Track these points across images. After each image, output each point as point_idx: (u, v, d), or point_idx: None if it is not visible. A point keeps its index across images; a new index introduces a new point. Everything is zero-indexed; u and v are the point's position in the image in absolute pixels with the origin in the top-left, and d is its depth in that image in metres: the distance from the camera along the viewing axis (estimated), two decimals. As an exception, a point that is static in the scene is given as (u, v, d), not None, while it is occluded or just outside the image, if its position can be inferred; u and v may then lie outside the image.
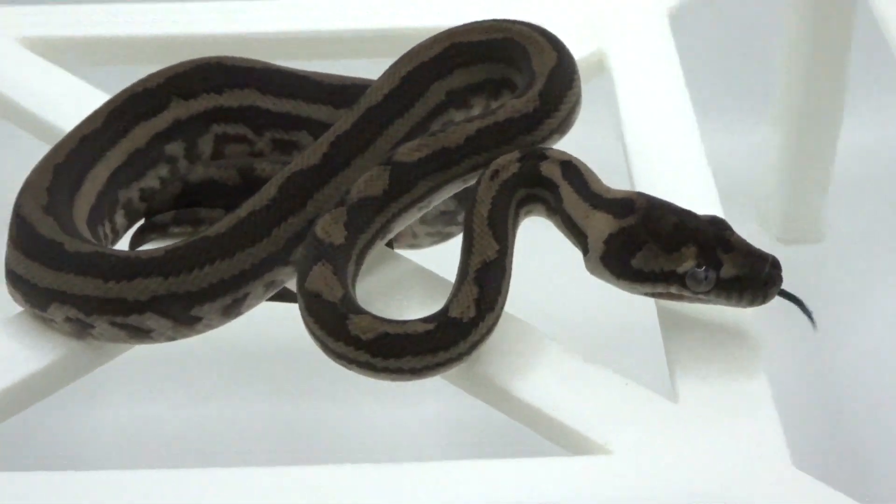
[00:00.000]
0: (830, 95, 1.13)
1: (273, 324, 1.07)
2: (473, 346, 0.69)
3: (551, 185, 0.73)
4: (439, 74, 0.78)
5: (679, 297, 0.71)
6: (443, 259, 0.80)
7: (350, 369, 0.69)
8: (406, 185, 0.73)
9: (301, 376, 1.08)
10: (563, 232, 0.74)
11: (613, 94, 0.90)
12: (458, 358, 0.69)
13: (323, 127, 0.79)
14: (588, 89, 0.93)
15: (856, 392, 1.09)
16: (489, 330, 0.70)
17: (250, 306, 0.74)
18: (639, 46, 0.94)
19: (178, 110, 0.80)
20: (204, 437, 1.04)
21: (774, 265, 0.70)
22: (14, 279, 0.73)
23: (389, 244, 0.81)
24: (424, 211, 0.75)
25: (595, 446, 0.68)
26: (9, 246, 0.74)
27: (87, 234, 0.75)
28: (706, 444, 0.68)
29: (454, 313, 0.69)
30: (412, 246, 0.86)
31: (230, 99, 0.80)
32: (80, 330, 0.72)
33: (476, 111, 0.79)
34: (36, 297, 0.72)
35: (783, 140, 1.16)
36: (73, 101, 0.87)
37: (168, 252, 0.72)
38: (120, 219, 0.79)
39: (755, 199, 1.19)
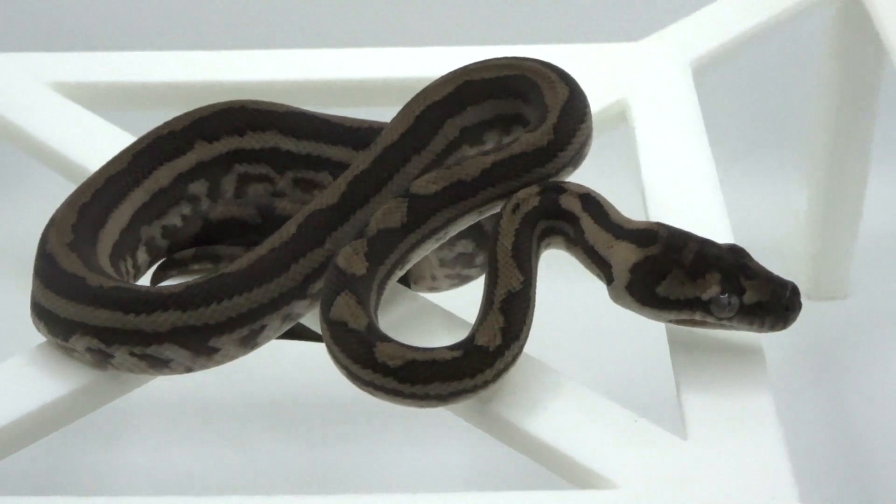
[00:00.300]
0: (857, 151, 1.13)
1: (292, 369, 1.09)
2: (499, 374, 0.70)
3: (571, 218, 0.75)
4: (452, 112, 0.79)
5: (702, 324, 0.72)
6: (460, 301, 0.81)
7: (376, 396, 0.70)
8: (423, 217, 0.74)
9: (322, 421, 1.09)
10: (584, 263, 0.75)
11: (633, 145, 0.91)
12: (484, 385, 0.70)
13: (343, 167, 0.80)
14: (608, 139, 0.95)
15: (876, 441, 1.09)
16: (514, 358, 0.71)
17: (267, 338, 0.75)
18: (660, 97, 0.95)
19: (202, 152, 0.81)
20: (222, 478, 1.04)
21: (794, 292, 0.72)
22: (39, 311, 0.75)
23: (407, 283, 0.82)
24: (441, 242, 0.76)
25: (602, 480, 0.68)
26: (34, 280, 0.76)
27: (109, 269, 0.76)
28: (713, 483, 0.68)
29: (480, 341, 0.70)
30: (432, 289, 0.87)
31: (252, 141, 0.82)
32: (101, 360, 0.73)
33: (489, 147, 0.80)
34: (59, 328, 0.74)
35: (809, 195, 1.16)
36: (102, 143, 0.88)
37: (188, 287, 0.73)
38: (142, 255, 0.80)
39: (781, 255, 1.19)
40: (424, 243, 0.75)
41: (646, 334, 0.74)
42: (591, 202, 0.75)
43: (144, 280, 0.81)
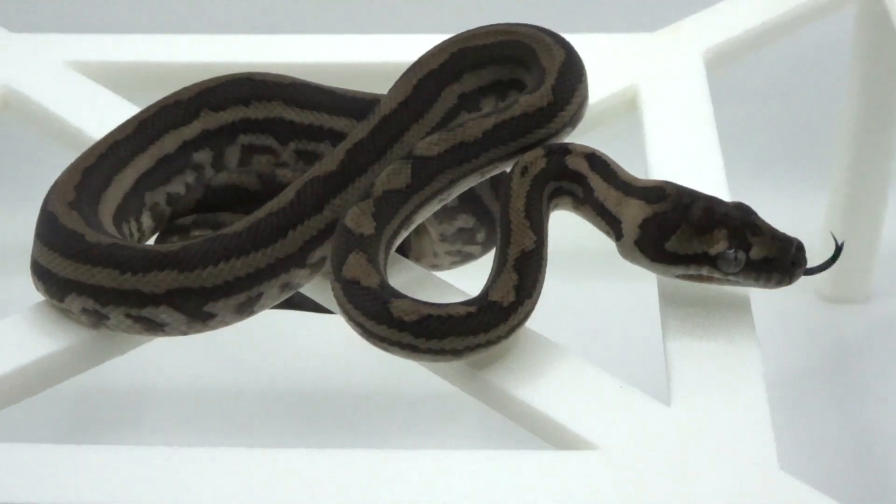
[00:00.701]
0: (880, 154, 1.13)
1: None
2: (512, 329, 0.71)
3: (579, 177, 0.76)
4: (449, 80, 0.80)
5: (709, 279, 0.74)
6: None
7: (391, 352, 0.71)
8: (427, 178, 0.76)
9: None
10: (592, 221, 0.77)
11: (641, 132, 0.92)
12: (497, 340, 0.71)
13: (342, 137, 0.81)
14: (618, 130, 0.95)
15: (894, 444, 1.08)
16: (527, 315, 0.72)
17: (264, 306, 0.75)
18: (671, 86, 0.95)
19: (208, 121, 0.82)
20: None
21: (799, 248, 0.73)
22: (37, 269, 0.76)
23: (404, 254, 0.83)
24: (444, 203, 0.77)
25: (582, 442, 0.69)
26: (35, 240, 0.77)
27: (111, 230, 0.77)
28: (694, 448, 0.68)
29: (494, 297, 0.71)
30: (434, 267, 0.88)
31: (257, 111, 0.83)
32: (96, 321, 0.74)
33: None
34: (55, 287, 0.75)
35: (830, 199, 1.16)
36: (118, 119, 0.90)
37: (184, 247, 0.73)
38: (147, 220, 0.81)
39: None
40: (428, 204, 0.76)
41: (637, 307, 0.74)
42: (598, 161, 0.76)
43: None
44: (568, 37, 0.98)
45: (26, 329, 0.76)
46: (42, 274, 0.75)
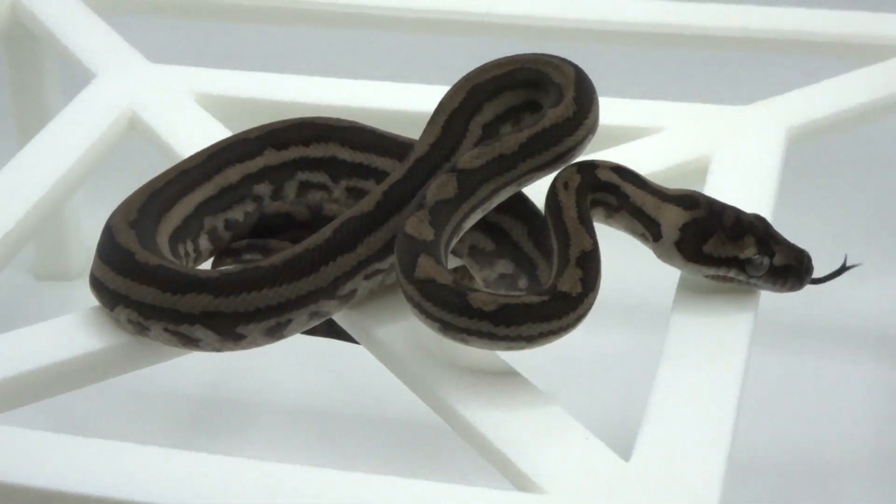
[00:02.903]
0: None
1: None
2: (578, 318, 0.78)
3: (612, 188, 0.83)
4: (471, 114, 0.86)
5: (732, 280, 0.82)
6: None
7: (469, 343, 0.77)
8: (471, 189, 0.82)
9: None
10: (626, 225, 0.84)
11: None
12: (566, 328, 0.77)
13: (386, 176, 0.87)
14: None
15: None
16: (591, 306, 0.78)
17: (293, 332, 0.82)
18: (743, 159, 0.97)
19: (270, 157, 0.90)
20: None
21: (809, 259, 0.82)
22: (93, 280, 0.84)
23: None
24: (486, 212, 0.83)
25: (532, 484, 0.72)
26: (96, 252, 0.85)
27: (165, 249, 0.84)
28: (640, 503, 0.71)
29: (563, 288, 0.77)
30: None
31: (315, 150, 0.90)
32: (139, 332, 0.81)
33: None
34: (107, 298, 0.82)
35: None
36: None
37: (223, 274, 0.80)
38: (204, 242, 0.88)
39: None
40: (473, 213, 0.82)
41: (629, 365, 0.78)
42: (627, 172, 0.84)
43: (206, 266, 0.90)
44: (654, 104, 1.03)
45: (81, 326, 0.83)
46: (97, 285, 0.83)
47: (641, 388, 0.81)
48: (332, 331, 0.90)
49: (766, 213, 0.92)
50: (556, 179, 0.83)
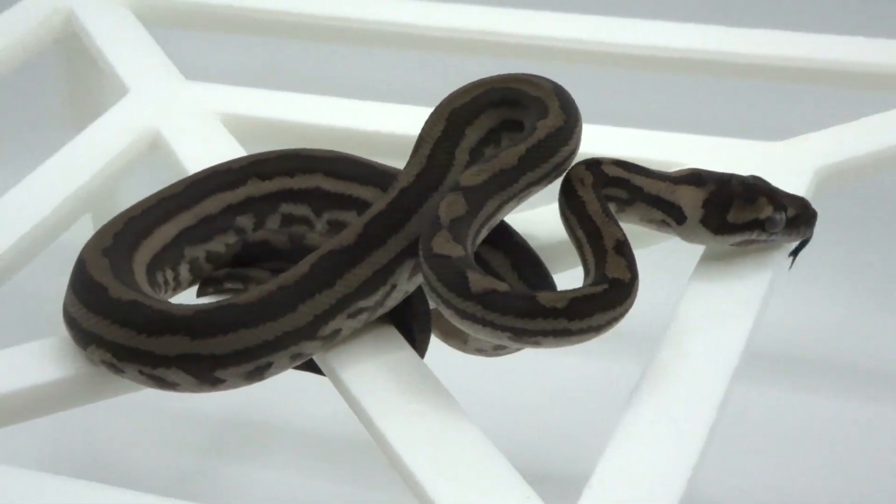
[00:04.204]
0: None
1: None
2: (630, 305, 0.78)
3: (621, 182, 0.84)
4: (456, 141, 0.84)
5: (754, 243, 0.85)
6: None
7: (542, 344, 0.76)
8: (478, 205, 0.80)
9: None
10: (643, 216, 0.85)
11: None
12: (623, 314, 0.77)
13: (367, 206, 0.85)
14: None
15: None
16: (637, 292, 0.78)
17: (274, 374, 0.79)
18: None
19: (253, 188, 0.88)
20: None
21: (810, 204, 0.85)
22: (66, 315, 0.81)
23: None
24: (490, 230, 0.82)
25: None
26: (69, 284, 0.82)
27: (142, 277, 0.82)
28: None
29: (615, 275, 0.78)
30: (466, 348, 0.91)
31: (300, 182, 0.88)
32: (114, 372, 0.79)
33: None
34: (79, 336, 0.79)
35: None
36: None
37: (198, 312, 0.77)
38: (184, 272, 0.86)
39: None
40: (482, 230, 0.81)
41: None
42: (630, 165, 0.85)
43: (189, 294, 0.88)
44: (676, 137, 0.99)
45: (46, 353, 0.82)
46: (70, 321, 0.80)
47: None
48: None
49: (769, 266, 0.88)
50: (569, 178, 0.83)
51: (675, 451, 0.74)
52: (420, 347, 0.84)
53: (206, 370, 0.77)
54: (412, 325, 0.83)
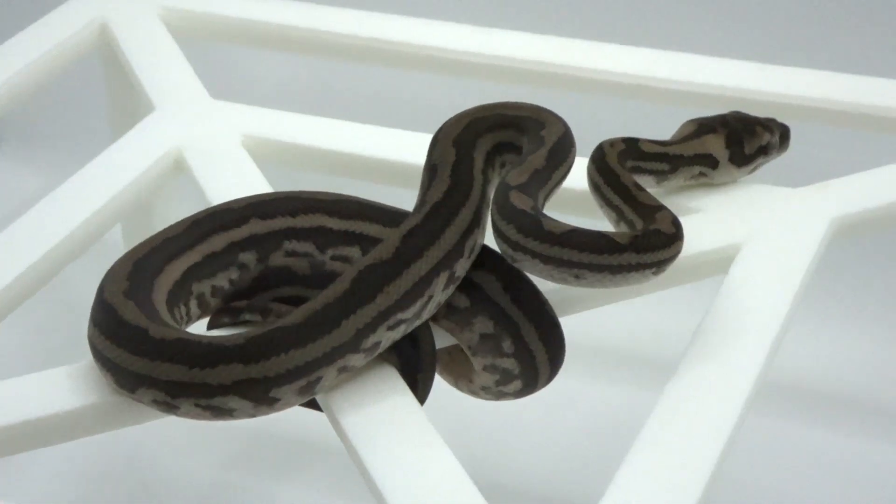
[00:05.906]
0: None
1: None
2: (676, 254, 0.85)
3: (660, 157, 0.95)
4: (470, 164, 0.88)
5: (759, 167, 0.98)
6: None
7: (611, 282, 0.84)
8: (534, 198, 0.86)
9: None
10: (685, 176, 0.97)
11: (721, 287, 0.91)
12: (676, 255, 0.85)
13: (373, 242, 0.87)
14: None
15: None
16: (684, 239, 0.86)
17: (324, 388, 0.82)
18: (774, 248, 0.93)
19: (256, 227, 0.90)
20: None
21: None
22: (103, 361, 0.81)
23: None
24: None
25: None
26: (93, 328, 0.82)
27: (166, 315, 0.83)
28: None
29: (661, 227, 0.85)
30: (474, 390, 0.91)
31: (302, 221, 0.90)
32: (167, 411, 0.80)
33: (502, 170, 0.91)
34: (125, 380, 0.80)
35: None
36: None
37: (248, 340, 0.79)
38: (194, 307, 0.88)
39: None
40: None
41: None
42: (655, 141, 0.96)
43: (200, 324, 0.89)
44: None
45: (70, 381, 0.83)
46: (110, 367, 0.81)
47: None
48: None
49: (779, 317, 0.88)
50: (600, 151, 0.93)
51: (682, 485, 0.75)
52: (422, 390, 0.85)
53: (262, 392, 0.79)
54: (418, 365, 0.85)
